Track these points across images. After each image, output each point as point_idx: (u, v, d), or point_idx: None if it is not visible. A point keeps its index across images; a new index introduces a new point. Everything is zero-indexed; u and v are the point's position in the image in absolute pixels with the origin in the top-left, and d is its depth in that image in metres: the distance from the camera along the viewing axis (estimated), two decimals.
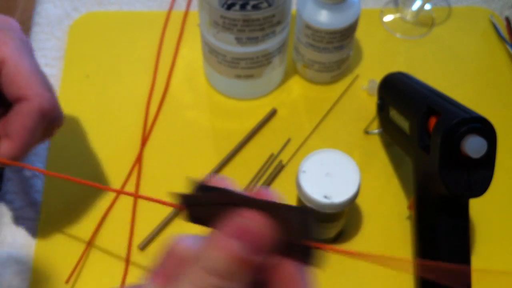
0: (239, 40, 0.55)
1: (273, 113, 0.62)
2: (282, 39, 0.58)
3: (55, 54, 0.67)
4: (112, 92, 0.64)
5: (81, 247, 0.54)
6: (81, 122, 0.62)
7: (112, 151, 0.60)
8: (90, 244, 0.55)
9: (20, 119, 0.43)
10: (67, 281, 0.53)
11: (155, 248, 0.55)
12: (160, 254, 0.29)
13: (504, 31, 0.70)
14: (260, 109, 0.63)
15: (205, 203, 0.30)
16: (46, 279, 0.53)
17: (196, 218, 0.30)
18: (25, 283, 0.53)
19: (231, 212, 0.28)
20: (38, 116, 0.44)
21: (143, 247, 0.54)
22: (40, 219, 0.56)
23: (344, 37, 0.59)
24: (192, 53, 0.67)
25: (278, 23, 0.55)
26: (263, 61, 0.58)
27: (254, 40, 0.55)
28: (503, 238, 0.56)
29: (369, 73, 0.66)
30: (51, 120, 0.46)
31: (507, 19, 0.70)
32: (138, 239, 0.55)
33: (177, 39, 0.68)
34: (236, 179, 0.58)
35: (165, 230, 0.55)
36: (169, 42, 0.68)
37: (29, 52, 0.46)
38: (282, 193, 0.28)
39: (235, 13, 0.52)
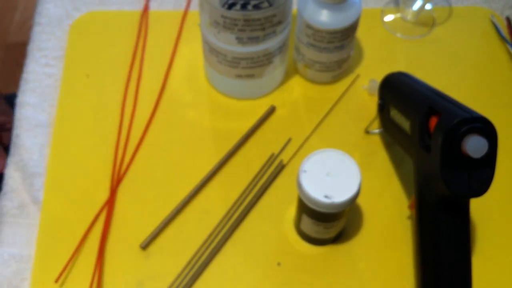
0: (239, 40, 0.55)
1: (272, 110, 0.62)
2: (283, 39, 0.58)
3: (56, 54, 0.67)
4: (112, 92, 0.64)
5: (81, 247, 0.54)
6: (81, 122, 0.62)
7: (112, 150, 0.60)
8: (90, 244, 0.55)
9: None
10: (56, 280, 0.53)
11: (157, 246, 0.55)
12: None
13: (504, 31, 0.70)
14: (261, 109, 0.63)
15: None
16: (46, 279, 0.53)
17: None
18: (25, 283, 0.53)
19: None
20: None
21: (145, 246, 0.54)
22: (40, 218, 0.56)
23: (344, 36, 0.59)
24: (192, 53, 0.67)
25: (279, 22, 0.55)
26: (263, 61, 0.58)
27: (254, 40, 0.55)
28: (503, 238, 0.56)
29: (370, 73, 0.66)
30: None
31: (507, 19, 0.70)
32: (140, 238, 0.55)
33: (178, 39, 0.68)
34: (237, 179, 0.59)
35: (166, 230, 0.56)
36: (170, 42, 0.68)
37: None
38: (283, 193, 0.27)
39: (236, 13, 0.52)
